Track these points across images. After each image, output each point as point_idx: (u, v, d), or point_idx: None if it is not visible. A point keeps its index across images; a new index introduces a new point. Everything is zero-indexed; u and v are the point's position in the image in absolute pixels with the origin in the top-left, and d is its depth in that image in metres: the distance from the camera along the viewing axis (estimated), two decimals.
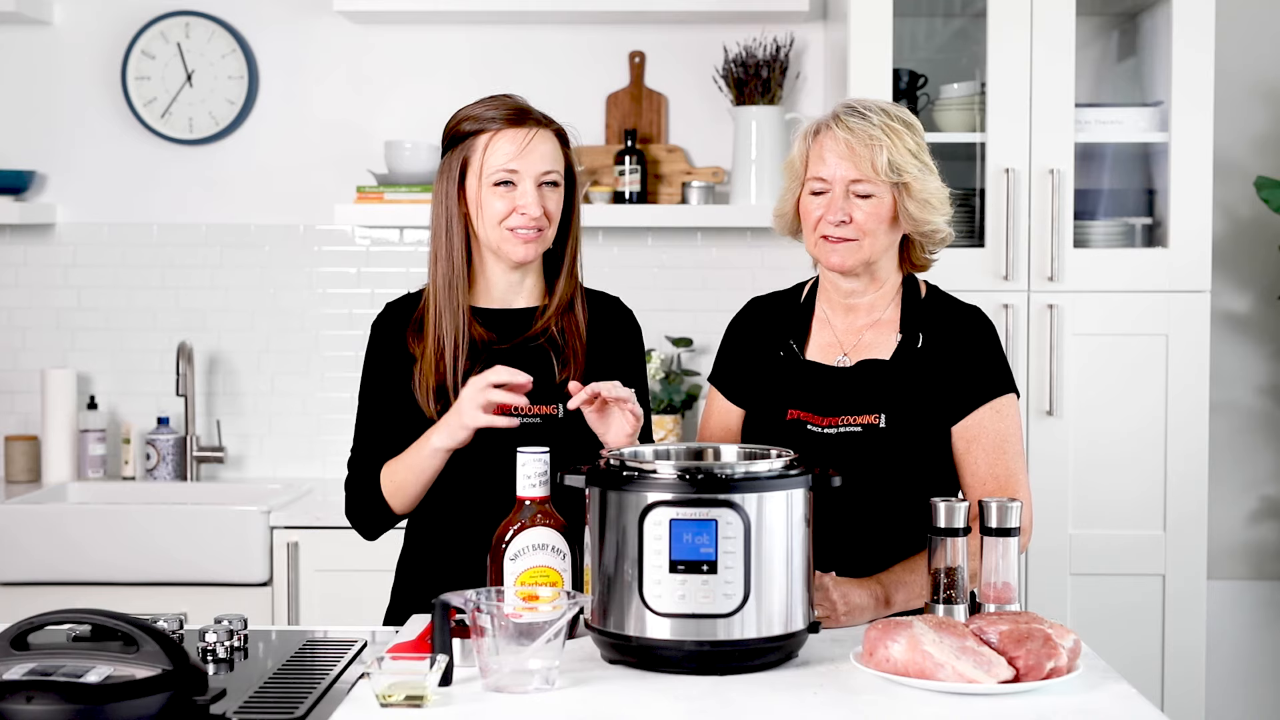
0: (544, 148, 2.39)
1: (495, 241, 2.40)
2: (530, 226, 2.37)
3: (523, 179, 2.37)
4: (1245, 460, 4.00)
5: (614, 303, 2.55)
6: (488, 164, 2.38)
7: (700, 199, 3.92)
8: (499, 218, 2.38)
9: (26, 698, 1.70)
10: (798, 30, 3.99)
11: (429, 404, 2.38)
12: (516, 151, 2.37)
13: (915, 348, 2.38)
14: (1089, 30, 3.86)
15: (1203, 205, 3.50)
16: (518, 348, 2.42)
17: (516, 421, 2.29)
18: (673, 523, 1.92)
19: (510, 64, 4.03)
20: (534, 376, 2.33)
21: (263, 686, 1.95)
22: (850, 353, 2.42)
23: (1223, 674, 3.96)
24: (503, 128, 2.38)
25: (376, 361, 2.48)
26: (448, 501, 2.41)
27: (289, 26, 4.05)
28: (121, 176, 4.07)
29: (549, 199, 2.39)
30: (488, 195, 2.38)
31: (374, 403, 2.46)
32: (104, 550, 3.49)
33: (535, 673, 1.87)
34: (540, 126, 2.40)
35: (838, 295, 2.45)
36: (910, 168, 2.33)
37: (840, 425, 2.35)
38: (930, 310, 2.42)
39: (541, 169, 2.38)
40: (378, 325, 2.50)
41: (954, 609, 2.13)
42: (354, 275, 4.07)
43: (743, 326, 2.54)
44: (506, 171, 2.37)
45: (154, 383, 4.07)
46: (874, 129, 2.32)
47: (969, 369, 2.38)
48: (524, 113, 2.40)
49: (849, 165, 2.33)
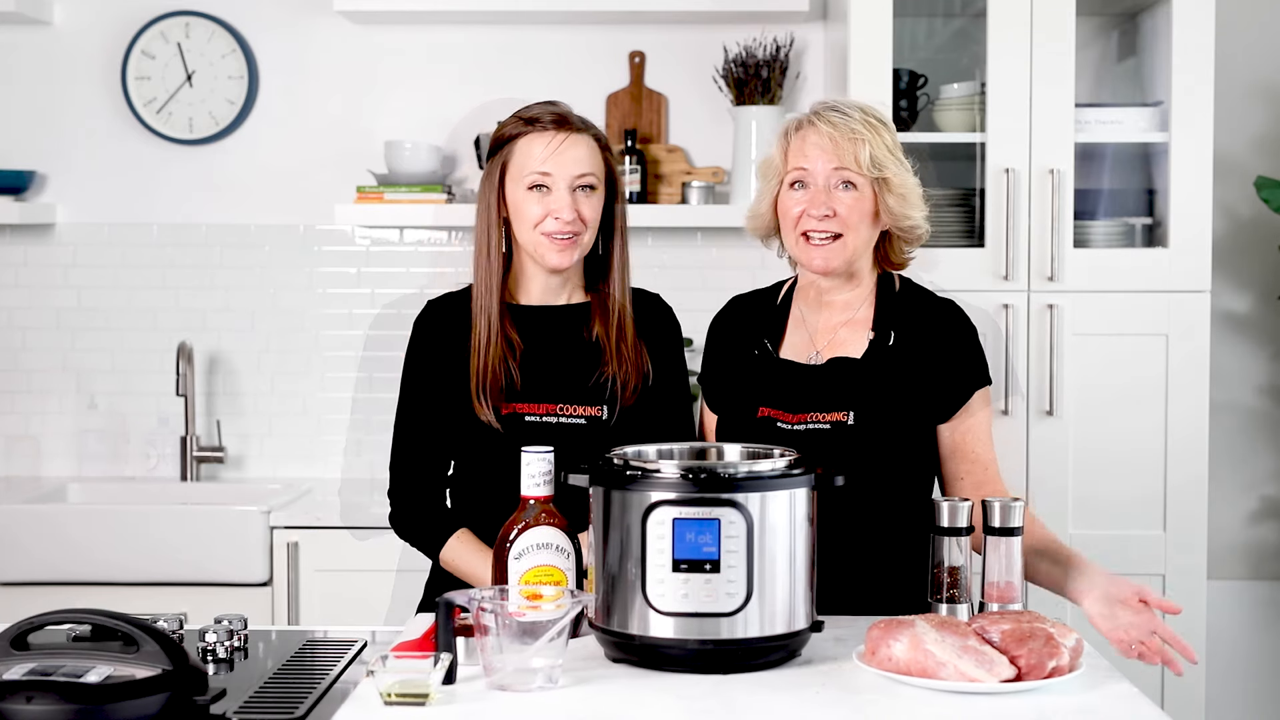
0: (578, 151, 2.40)
1: (531, 245, 2.42)
2: (565, 231, 2.38)
3: (556, 182, 2.38)
4: (1245, 460, 4.00)
5: (654, 299, 2.57)
6: (525, 167, 2.40)
7: (700, 199, 3.92)
8: (534, 221, 2.39)
9: (26, 698, 1.70)
10: (798, 30, 3.99)
11: (477, 400, 2.39)
12: (549, 154, 2.38)
13: (887, 345, 2.39)
14: (1089, 30, 3.86)
15: (1203, 205, 3.50)
16: (562, 348, 2.44)
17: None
18: (676, 522, 1.92)
19: (510, 64, 4.03)
20: (578, 378, 2.38)
21: (263, 686, 1.95)
22: (823, 350, 2.43)
23: (1223, 674, 3.96)
24: (538, 131, 2.40)
25: (417, 362, 2.49)
26: (483, 501, 2.42)
27: (289, 26, 4.05)
28: (121, 176, 4.07)
29: (584, 203, 2.40)
30: (523, 199, 2.40)
31: (415, 404, 2.48)
32: (104, 550, 3.48)
33: (538, 671, 1.87)
34: (576, 131, 2.41)
35: (814, 293, 2.47)
36: (890, 163, 2.36)
37: (809, 422, 2.37)
38: (904, 306, 2.44)
39: (575, 172, 2.39)
40: (419, 324, 2.51)
41: (957, 608, 2.13)
42: (354, 275, 4.06)
43: (722, 327, 2.56)
44: (539, 174, 2.38)
45: (154, 383, 4.06)
46: (856, 124, 2.35)
47: (951, 365, 2.39)
48: (562, 118, 2.41)
49: (831, 156, 2.35)
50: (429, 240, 4.06)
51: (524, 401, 2.41)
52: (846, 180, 2.35)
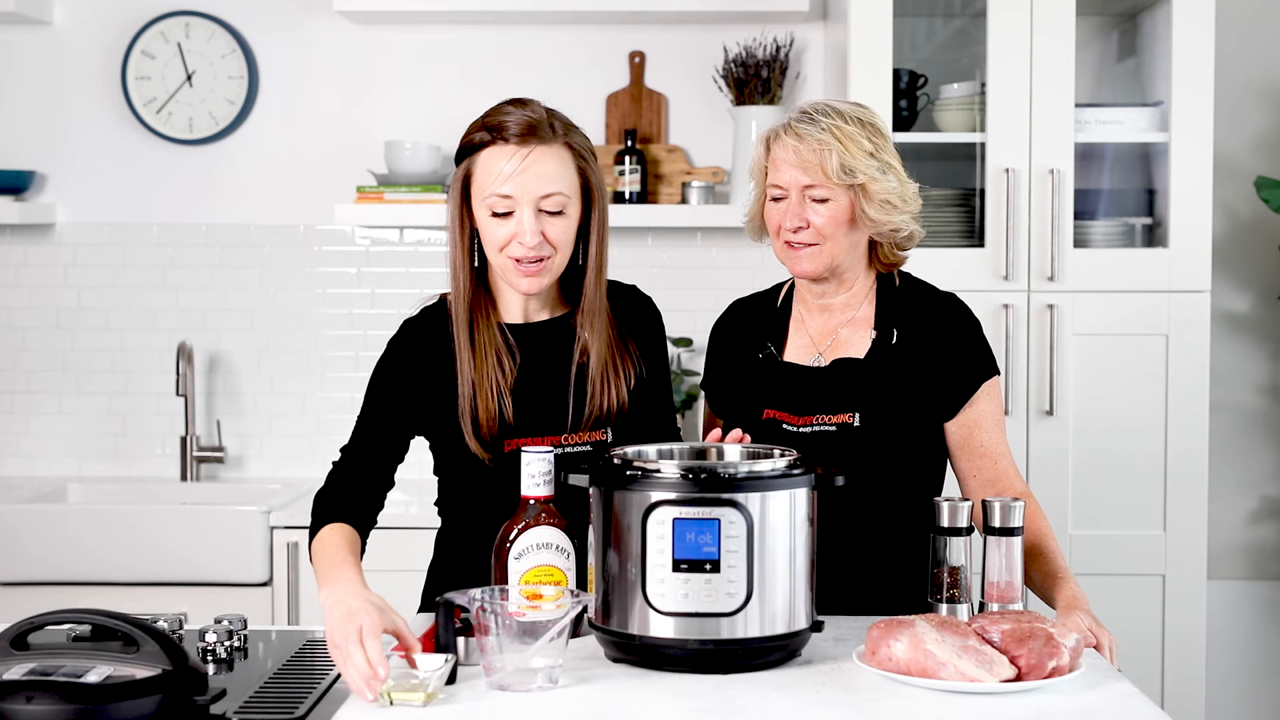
0: (544, 166, 2.20)
1: (500, 269, 2.27)
2: (530, 258, 2.21)
3: (520, 205, 2.20)
4: (1245, 460, 4.00)
5: (630, 291, 2.44)
6: (486, 186, 2.22)
7: (700, 199, 3.92)
8: (499, 244, 2.23)
9: (26, 698, 1.70)
10: (798, 30, 3.99)
11: (468, 433, 2.27)
12: (512, 173, 2.19)
13: (890, 344, 2.39)
14: (1089, 30, 3.86)
15: (1203, 205, 3.50)
16: (555, 373, 2.32)
17: (386, 705, 1.84)
18: (676, 522, 1.93)
19: (510, 64, 4.03)
20: (574, 401, 2.29)
21: (263, 687, 1.95)
22: (825, 352, 2.43)
23: (1223, 674, 3.96)
24: (502, 144, 2.22)
25: (383, 386, 2.33)
26: (480, 505, 2.35)
27: (289, 26, 4.05)
28: (121, 176, 4.07)
29: (551, 225, 2.21)
30: (487, 221, 2.24)
31: (370, 424, 2.33)
32: (104, 550, 3.48)
33: (539, 671, 1.87)
34: (544, 143, 2.21)
35: (811, 297, 2.46)
36: (865, 169, 2.31)
37: (815, 424, 2.36)
38: (905, 304, 2.43)
39: (540, 193, 2.20)
40: (394, 346, 2.35)
41: (957, 608, 2.13)
42: (354, 275, 4.06)
43: (724, 332, 2.56)
44: (500, 197, 2.20)
45: (154, 383, 4.06)
46: (822, 134, 2.31)
47: (956, 360, 2.39)
48: (530, 127, 2.21)
49: (799, 172, 2.33)
50: (429, 240, 4.06)
51: (526, 436, 2.29)
52: (818, 194, 2.34)
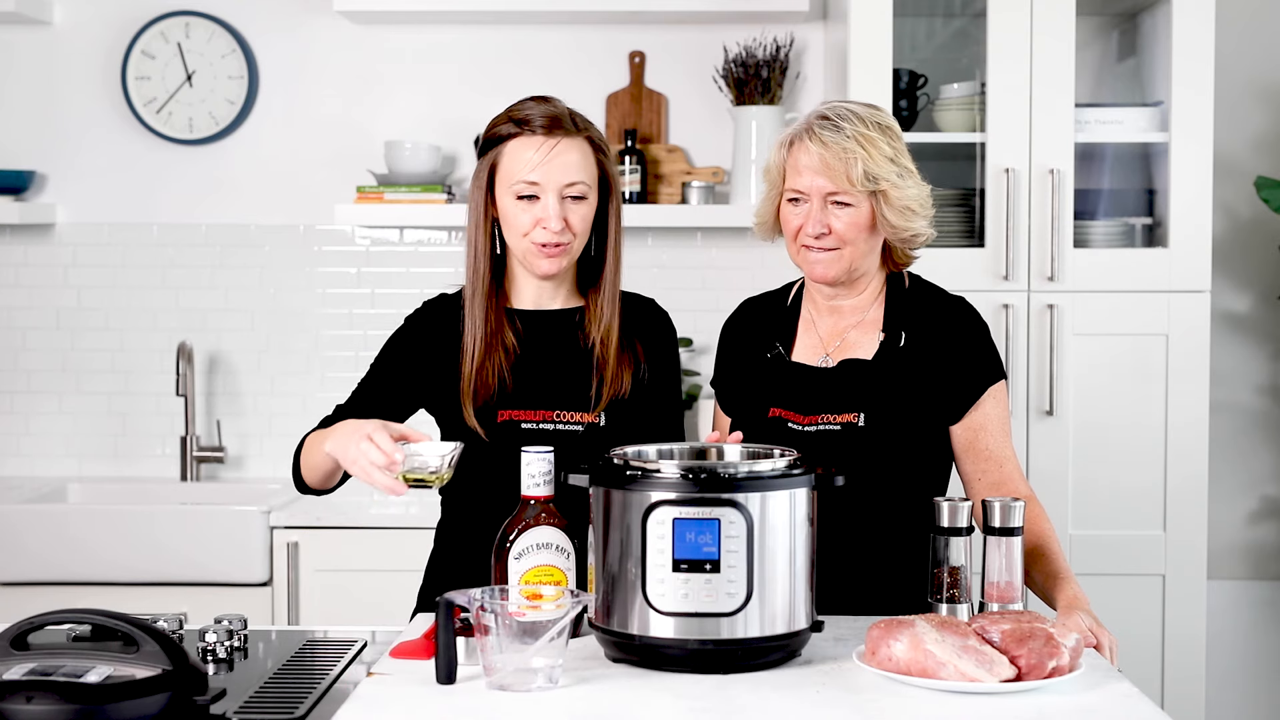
0: (569, 157, 2.34)
1: (520, 253, 2.38)
2: (553, 242, 2.34)
3: (545, 191, 2.33)
4: (1245, 460, 4.00)
5: (649, 305, 2.53)
6: (513, 174, 2.34)
7: (700, 199, 3.92)
8: (522, 230, 2.34)
9: (26, 698, 1.70)
10: (798, 30, 3.99)
11: (465, 404, 2.37)
12: (539, 161, 2.32)
13: (898, 346, 2.39)
14: (1089, 30, 3.86)
15: (1203, 205, 3.50)
16: (557, 353, 2.42)
17: (403, 489, 2.12)
18: (676, 522, 1.92)
19: (510, 64, 4.03)
20: (574, 384, 2.36)
21: (263, 686, 1.95)
22: (833, 353, 2.43)
23: (1223, 674, 3.96)
24: (529, 135, 2.34)
25: (394, 354, 2.46)
26: (478, 503, 2.39)
27: (289, 26, 4.05)
28: (121, 176, 4.07)
29: (573, 212, 2.34)
30: (512, 206, 2.35)
31: (373, 385, 2.46)
32: (104, 550, 3.48)
33: (539, 671, 1.87)
34: (568, 135, 2.34)
35: (821, 298, 2.47)
36: (887, 175, 2.32)
37: (820, 424, 2.37)
38: (914, 306, 2.44)
39: (565, 180, 2.33)
40: (411, 321, 2.49)
41: (957, 608, 2.13)
42: (354, 275, 4.07)
43: (734, 330, 2.56)
44: (527, 184, 2.33)
45: (154, 383, 4.06)
46: (847, 141, 2.31)
47: (963, 363, 2.39)
48: (554, 121, 2.34)
49: (824, 179, 2.33)
50: (429, 240, 4.06)
51: (519, 408, 2.39)
52: (840, 199, 2.34)
